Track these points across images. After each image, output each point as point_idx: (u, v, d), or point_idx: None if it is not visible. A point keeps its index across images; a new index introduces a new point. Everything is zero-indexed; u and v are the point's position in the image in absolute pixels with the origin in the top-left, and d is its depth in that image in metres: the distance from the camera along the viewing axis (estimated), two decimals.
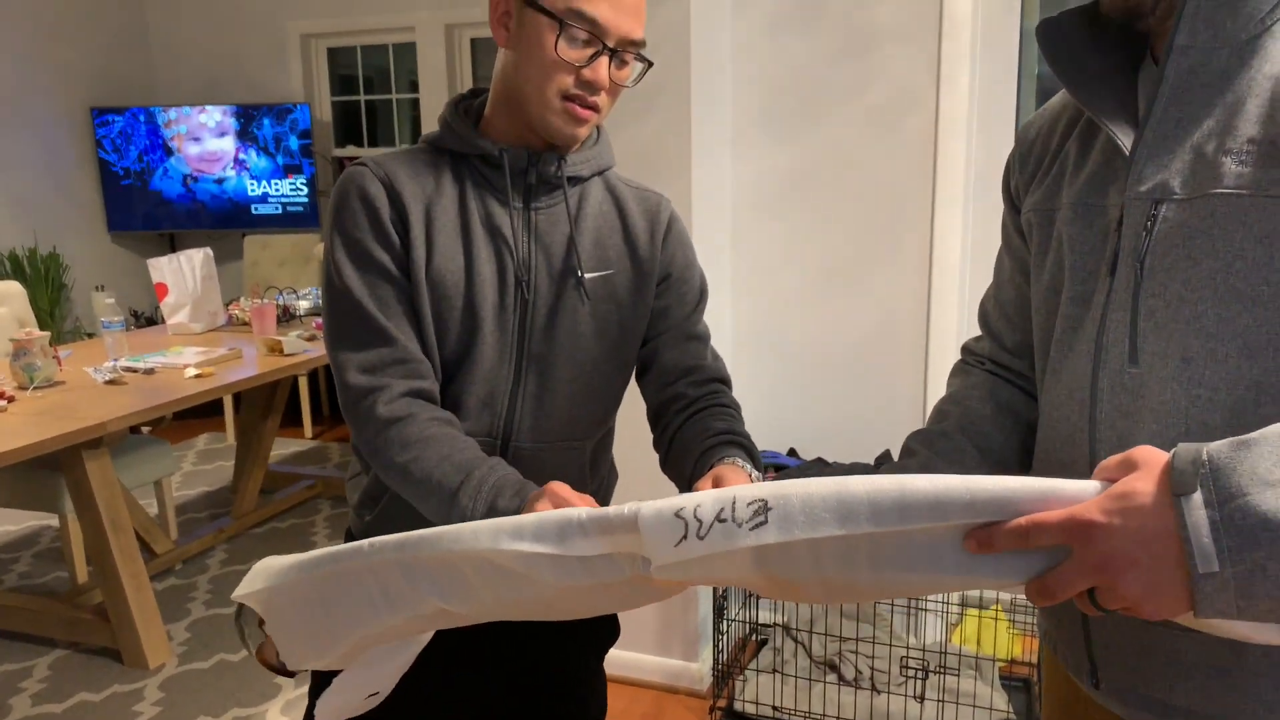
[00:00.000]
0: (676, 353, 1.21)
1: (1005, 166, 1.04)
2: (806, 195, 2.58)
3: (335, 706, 0.97)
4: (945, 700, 2.31)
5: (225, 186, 5.25)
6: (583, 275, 1.14)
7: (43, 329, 4.18)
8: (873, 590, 0.71)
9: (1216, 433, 0.74)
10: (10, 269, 4.69)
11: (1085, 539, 0.63)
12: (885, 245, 2.53)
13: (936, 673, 2.37)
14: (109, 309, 3.27)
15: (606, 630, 1.35)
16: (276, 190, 5.22)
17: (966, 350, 1.11)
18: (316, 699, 0.98)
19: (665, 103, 2.26)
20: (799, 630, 2.59)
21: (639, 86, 1.17)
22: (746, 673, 2.49)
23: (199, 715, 2.48)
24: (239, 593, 0.90)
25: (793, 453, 2.66)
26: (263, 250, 5.00)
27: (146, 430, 4.86)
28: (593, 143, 1.19)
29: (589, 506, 0.87)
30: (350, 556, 0.85)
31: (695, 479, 1.05)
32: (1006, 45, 2.43)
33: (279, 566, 0.89)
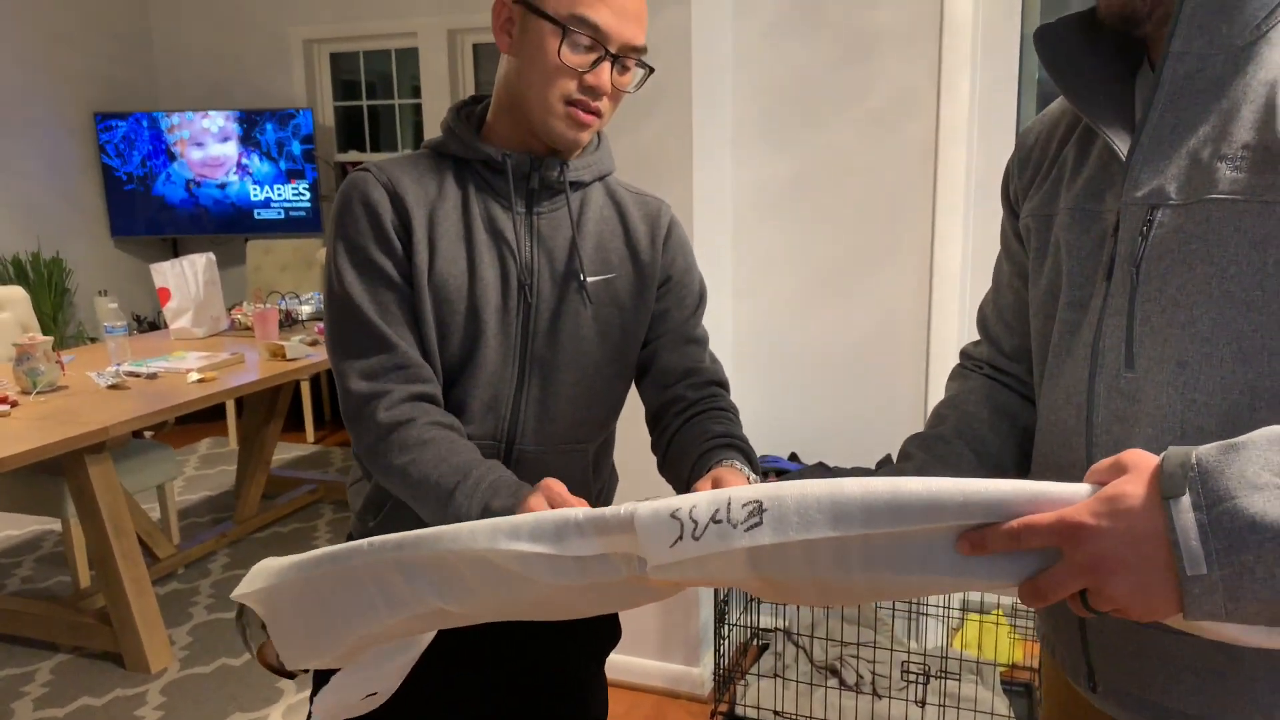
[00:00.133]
0: (675, 355, 1.21)
1: (1004, 172, 1.04)
2: (807, 199, 2.58)
3: (333, 705, 0.97)
4: (946, 705, 2.31)
5: (228, 191, 5.26)
6: (585, 279, 1.15)
7: (46, 334, 4.20)
8: (866, 591, 0.71)
9: (1212, 437, 0.74)
10: (13, 274, 4.70)
11: (1075, 541, 0.64)
12: (886, 249, 2.53)
13: (938, 677, 2.37)
14: (112, 314, 3.28)
15: (607, 633, 1.35)
16: (279, 195, 5.23)
17: (965, 355, 1.12)
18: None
19: (666, 107, 2.27)
20: (800, 635, 2.59)
21: (640, 91, 1.18)
22: (748, 677, 2.49)
23: None
24: (239, 592, 0.91)
25: (794, 457, 2.66)
26: (265, 255, 5.01)
27: (149, 435, 4.86)
28: (594, 148, 1.20)
29: (584, 507, 0.88)
30: (350, 556, 0.85)
31: (693, 481, 1.06)
32: (1007, 50, 2.44)
33: (279, 566, 0.90)
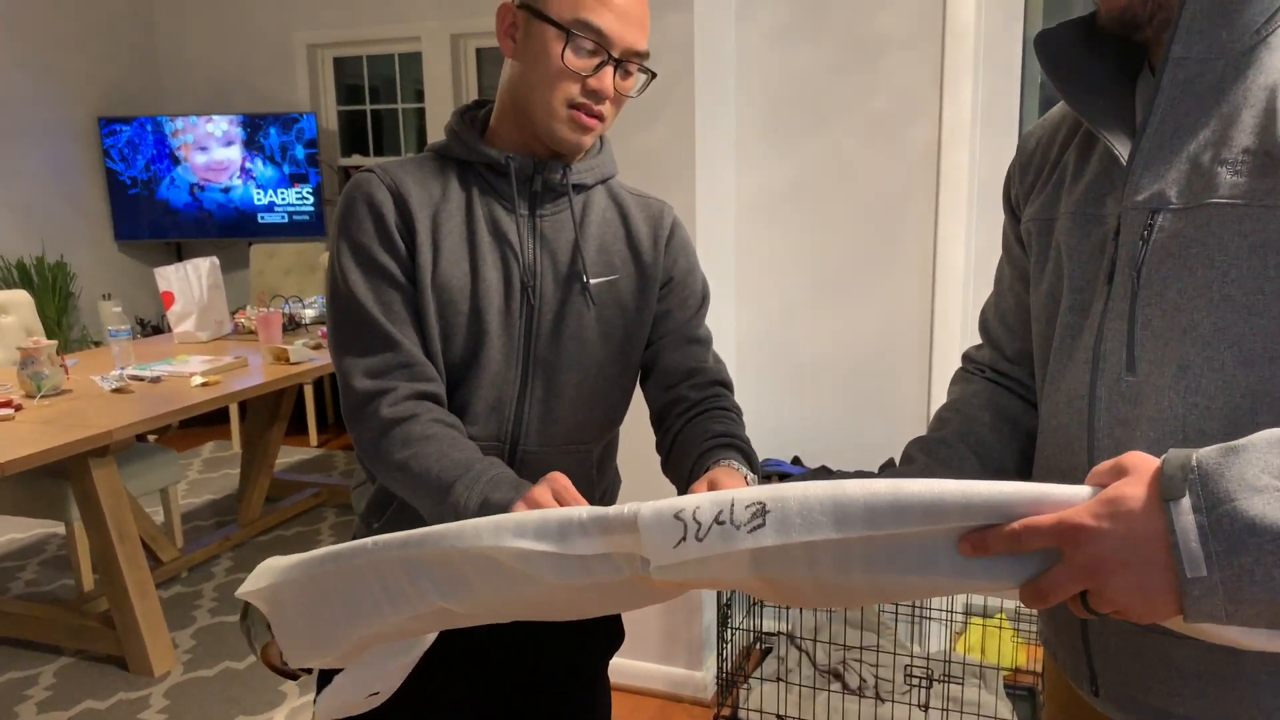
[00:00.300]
0: (678, 356, 1.22)
1: (1006, 176, 1.05)
2: (810, 204, 2.58)
3: (336, 705, 0.97)
4: (949, 709, 2.31)
5: (231, 195, 5.27)
6: (588, 280, 1.15)
7: (50, 337, 4.20)
8: (868, 593, 0.71)
9: (1213, 440, 0.74)
10: (18, 277, 4.71)
11: (1076, 542, 0.64)
12: (888, 254, 2.54)
13: (941, 681, 2.37)
14: (116, 317, 3.29)
15: (610, 636, 1.35)
16: (282, 199, 5.25)
17: (967, 358, 1.12)
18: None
19: (670, 112, 2.28)
20: (803, 639, 2.59)
21: (644, 96, 1.19)
22: (751, 681, 2.49)
23: None
24: (244, 590, 0.91)
25: (797, 461, 2.66)
26: (269, 259, 5.02)
27: (152, 438, 4.87)
28: (596, 151, 1.21)
29: (587, 505, 0.88)
30: (354, 555, 0.86)
31: (692, 481, 1.06)
32: (1009, 54, 2.44)
33: (284, 565, 0.90)
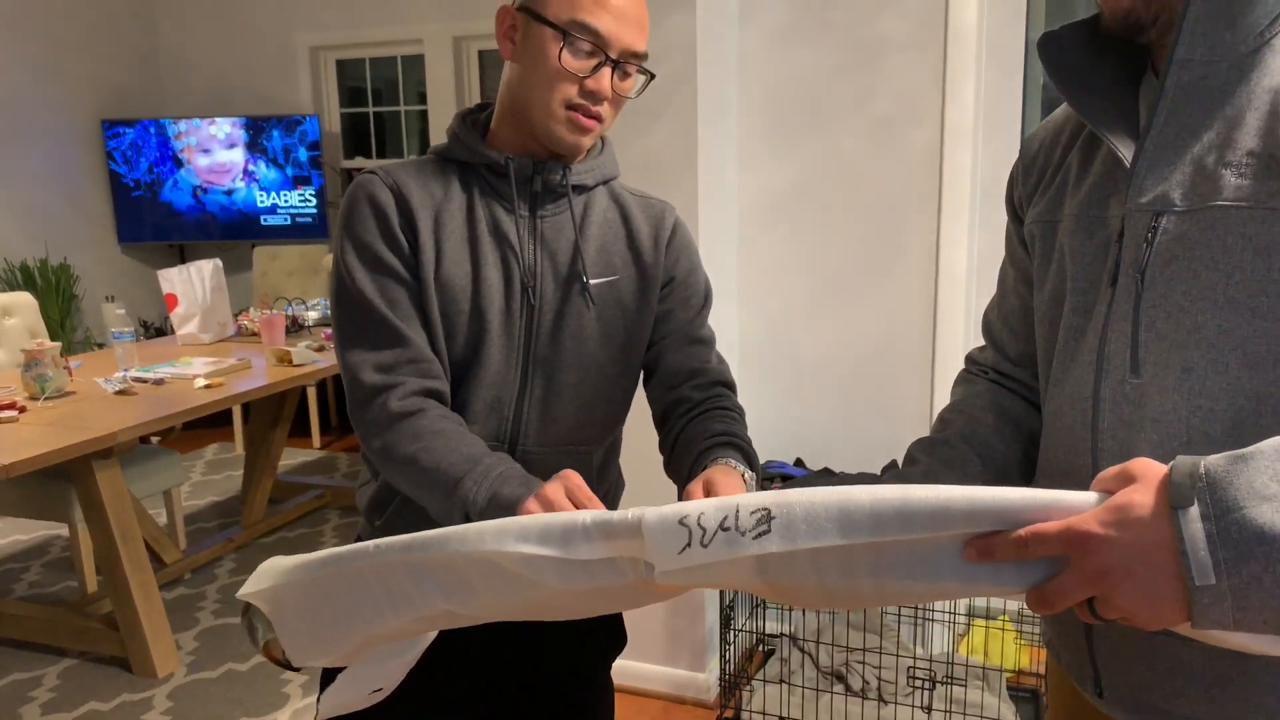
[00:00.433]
0: (681, 356, 1.22)
1: (1009, 178, 1.05)
2: (812, 206, 2.59)
3: (339, 702, 0.98)
4: (952, 711, 2.30)
5: (234, 198, 5.28)
6: (588, 281, 1.16)
7: (53, 339, 4.21)
8: (873, 596, 0.71)
9: (1217, 443, 0.74)
10: (21, 280, 4.72)
11: (1083, 550, 0.64)
12: (891, 256, 2.54)
13: (944, 683, 2.37)
14: (119, 320, 3.29)
15: (613, 638, 1.35)
16: (285, 201, 5.25)
17: (970, 360, 1.12)
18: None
19: (672, 114, 2.28)
20: (806, 640, 2.59)
21: (647, 98, 1.19)
22: (753, 683, 2.49)
23: None
24: (245, 591, 0.91)
25: (799, 463, 2.66)
26: (272, 261, 5.03)
27: (156, 440, 4.88)
28: (597, 153, 1.21)
29: (594, 507, 0.88)
30: (356, 557, 0.86)
31: (691, 480, 1.05)
32: (1012, 56, 2.44)
33: (285, 566, 0.90)
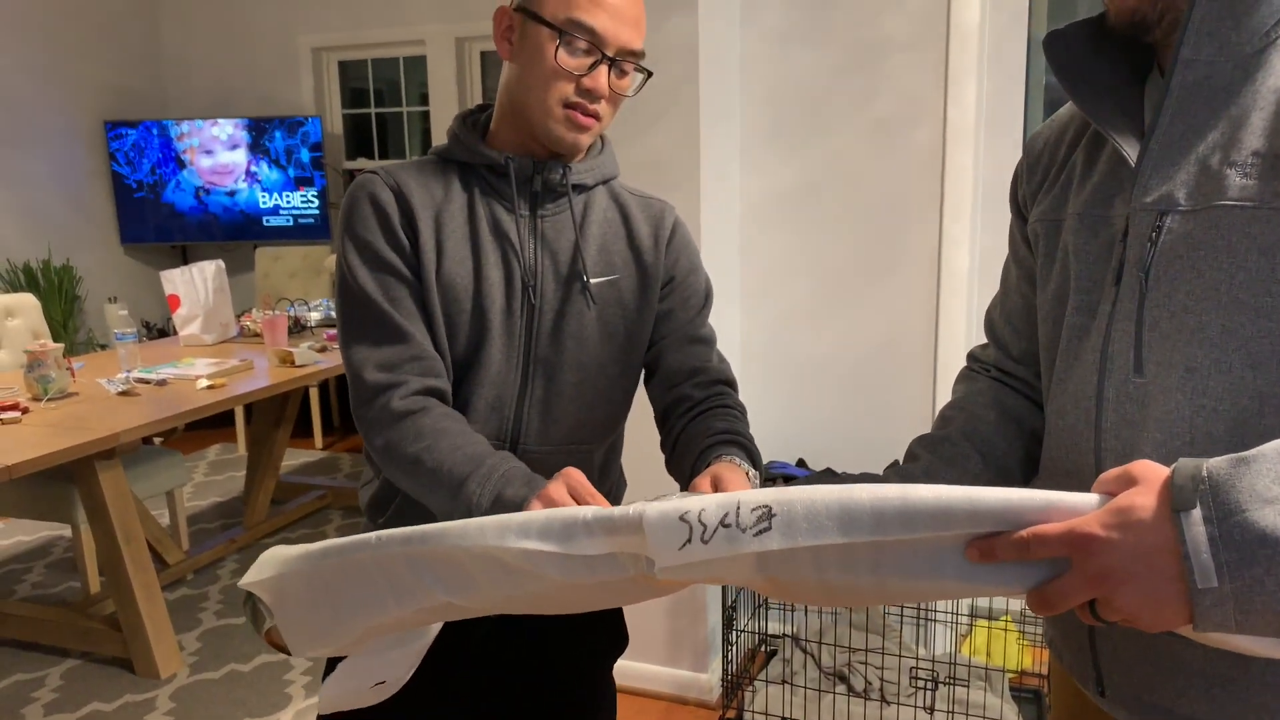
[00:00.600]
0: (681, 355, 1.22)
1: (1013, 176, 1.04)
2: (815, 206, 2.59)
3: (340, 693, 0.97)
4: (955, 711, 2.30)
5: (237, 199, 5.28)
6: (588, 280, 1.16)
7: (56, 341, 4.22)
8: (874, 595, 0.71)
9: (1220, 443, 0.74)
10: (24, 281, 4.73)
11: (1085, 552, 0.64)
12: (893, 256, 2.54)
13: (946, 684, 2.37)
14: (122, 321, 3.29)
15: (614, 638, 1.36)
16: (288, 202, 5.25)
17: (972, 357, 1.12)
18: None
19: (674, 115, 2.28)
20: (808, 641, 2.58)
21: (648, 99, 1.19)
22: (755, 683, 2.49)
23: None
24: (247, 580, 0.91)
25: (801, 463, 2.66)
26: (274, 262, 5.03)
27: (158, 441, 4.88)
28: (597, 152, 1.21)
29: (598, 504, 0.88)
30: (358, 548, 0.86)
31: (694, 476, 1.06)
32: (1014, 56, 2.44)
33: (287, 556, 0.90)
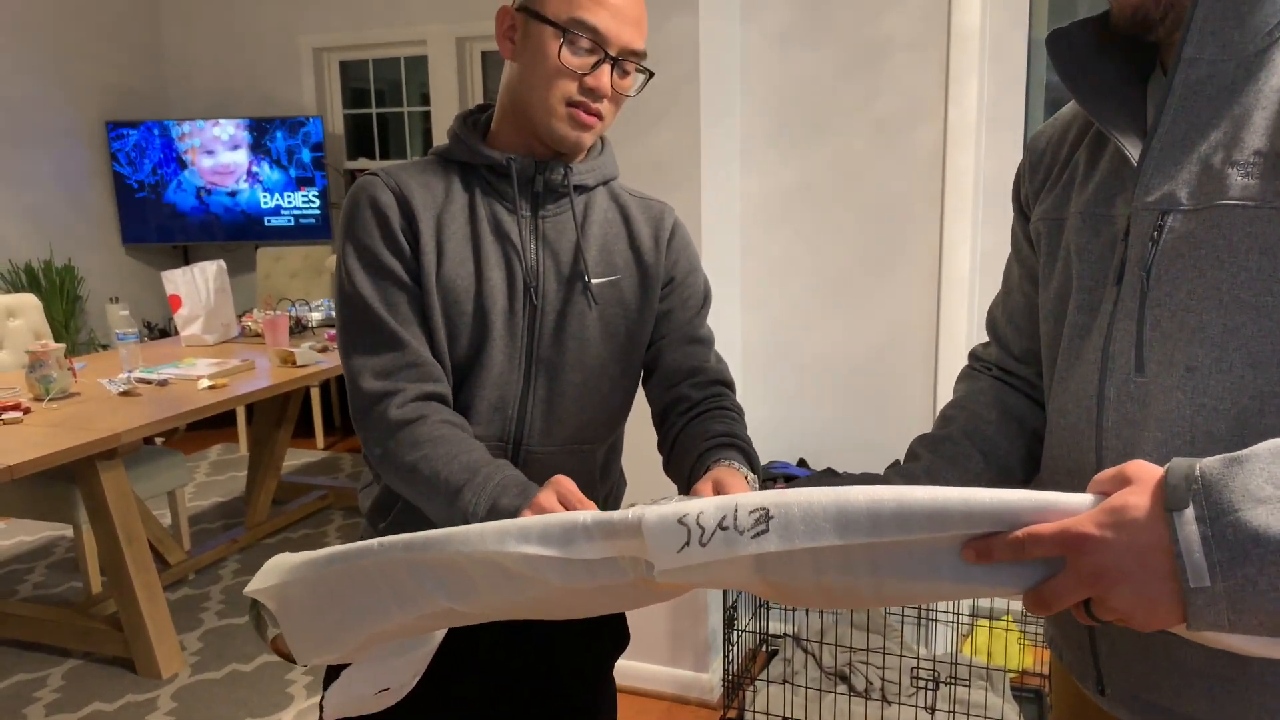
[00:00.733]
0: (680, 355, 1.22)
1: (1016, 175, 1.05)
2: (815, 207, 2.59)
3: (343, 701, 0.97)
4: (956, 711, 2.30)
5: (238, 199, 5.29)
6: (590, 280, 1.16)
7: (58, 341, 4.22)
8: (872, 597, 0.71)
9: (1221, 442, 0.74)
10: (26, 281, 4.73)
11: (1079, 551, 0.64)
12: (894, 256, 2.54)
13: (947, 683, 2.37)
14: (123, 321, 3.30)
15: (616, 637, 1.36)
16: (289, 203, 5.26)
17: (974, 356, 1.12)
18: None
19: (675, 115, 2.28)
20: (809, 641, 2.58)
21: (649, 100, 1.19)
22: (757, 683, 2.49)
23: None
24: (251, 588, 0.92)
25: (802, 463, 2.66)
26: (275, 262, 5.03)
27: (160, 441, 4.88)
28: (597, 153, 1.21)
29: (592, 509, 0.89)
30: (360, 555, 0.86)
31: (693, 480, 1.06)
32: (1014, 56, 2.44)
33: (291, 563, 0.90)
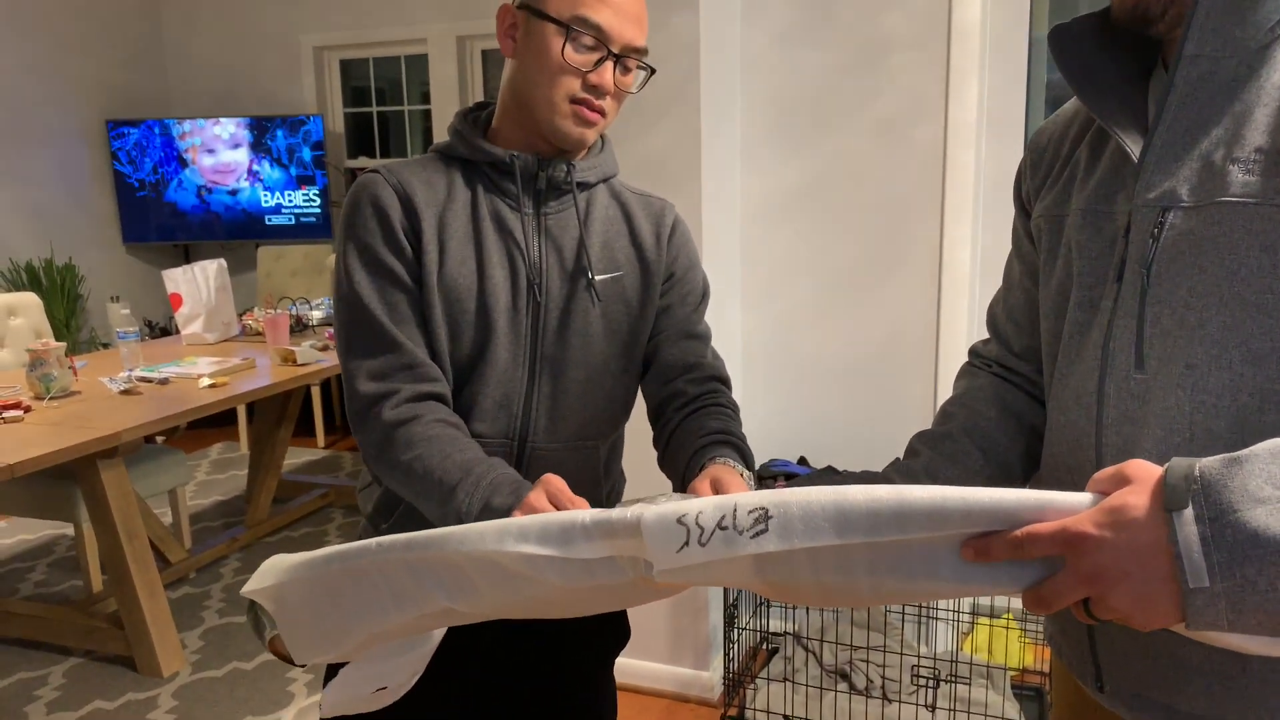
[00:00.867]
0: (677, 350, 1.22)
1: (1017, 171, 1.05)
2: (816, 206, 2.58)
3: (341, 699, 0.97)
4: (957, 709, 2.30)
5: (239, 198, 5.28)
6: (593, 277, 1.16)
7: (58, 339, 4.22)
8: (871, 595, 0.71)
9: (1221, 439, 0.74)
10: (27, 280, 4.73)
11: (1078, 551, 0.64)
12: (895, 255, 2.53)
13: (948, 681, 2.37)
14: (124, 319, 3.30)
15: (615, 636, 1.36)
16: (290, 201, 5.26)
17: (974, 353, 1.12)
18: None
19: (676, 114, 2.28)
20: (810, 639, 2.58)
21: (650, 99, 1.19)
22: (757, 681, 2.49)
23: None
24: (249, 588, 0.92)
25: (803, 461, 2.66)
26: (276, 261, 5.03)
27: (161, 440, 4.88)
28: (598, 150, 1.22)
29: (584, 507, 0.89)
30: (359, 555, 0.86)
31: (689, 477, 1.06)
32: (1015, 54, 2.44)
33: (288, 564, 0.90)
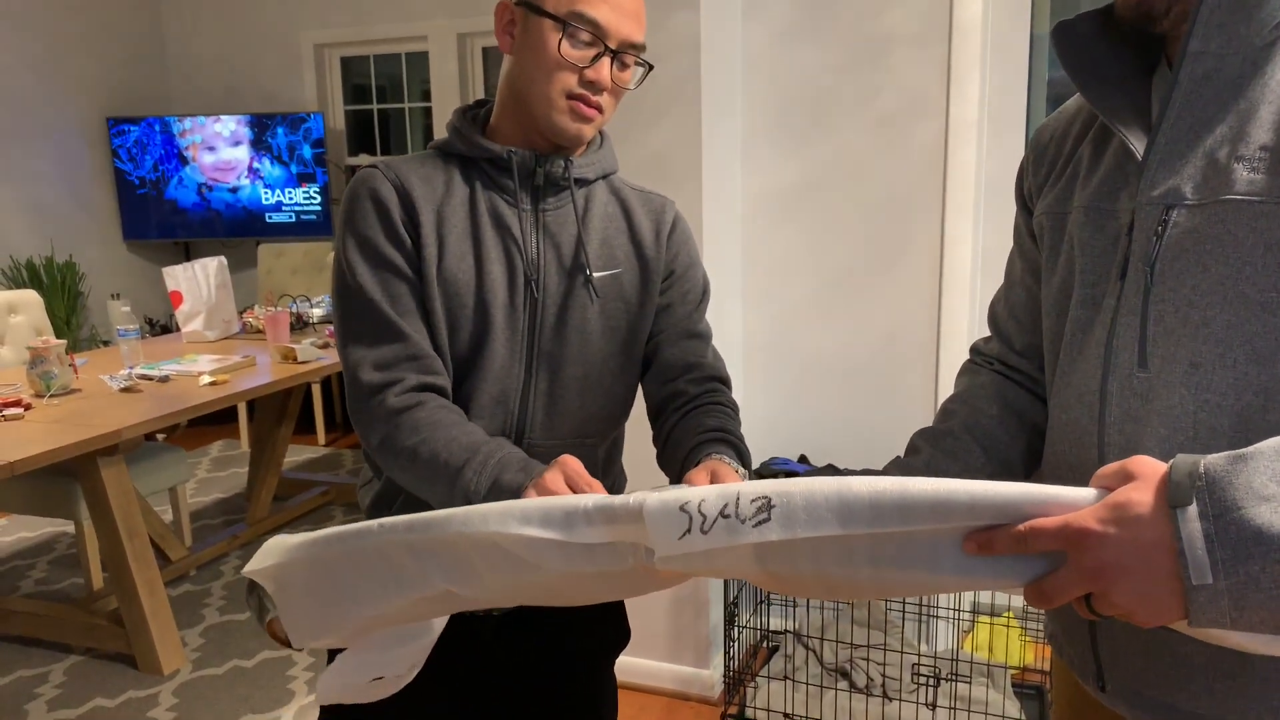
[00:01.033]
0: (677, 350, 1.22)
1: (1019, 168, 1.04)
2: (817, 203, 2.58)
3: (337, 686, 0.96)
4: (957, 708, 2.30)
5: (239, 195, 5.28)
6: (591, 274, 1.16)
7: (59, 337, 4.22)
8: (872, 588, 0.71)
9: (1224, 438, 0.74)
10: (27, 277, 4.73)
11: (1081, 546, 0.64)
12: (896, 252, 2.53)
13: (948, 680, 2.37)
14: (124, 317, 3.29)
15: (616, 634, 1.36)
16: (290, 199, 5.25)
17: (975, 350, 1.12)
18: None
19: (676, 112, 2.27)
20: (810, 637, 2.58)
21: (651, 97, 1.19)
22: (758, 679, 2.49)
23: None
24: (250, 568, 0.91)
25: (803, 459, 2.66)
26: (276, 258, 5.03)
27: (161, 437, 4.88)
28: (597, 147, 1.21)
29: (597, 492, 0.88)
30: (360, 537, 0.86)
31: (685, 473, 1.05)
32: (1017, 51, 2.43)
33: (290, 544, 0.90)
